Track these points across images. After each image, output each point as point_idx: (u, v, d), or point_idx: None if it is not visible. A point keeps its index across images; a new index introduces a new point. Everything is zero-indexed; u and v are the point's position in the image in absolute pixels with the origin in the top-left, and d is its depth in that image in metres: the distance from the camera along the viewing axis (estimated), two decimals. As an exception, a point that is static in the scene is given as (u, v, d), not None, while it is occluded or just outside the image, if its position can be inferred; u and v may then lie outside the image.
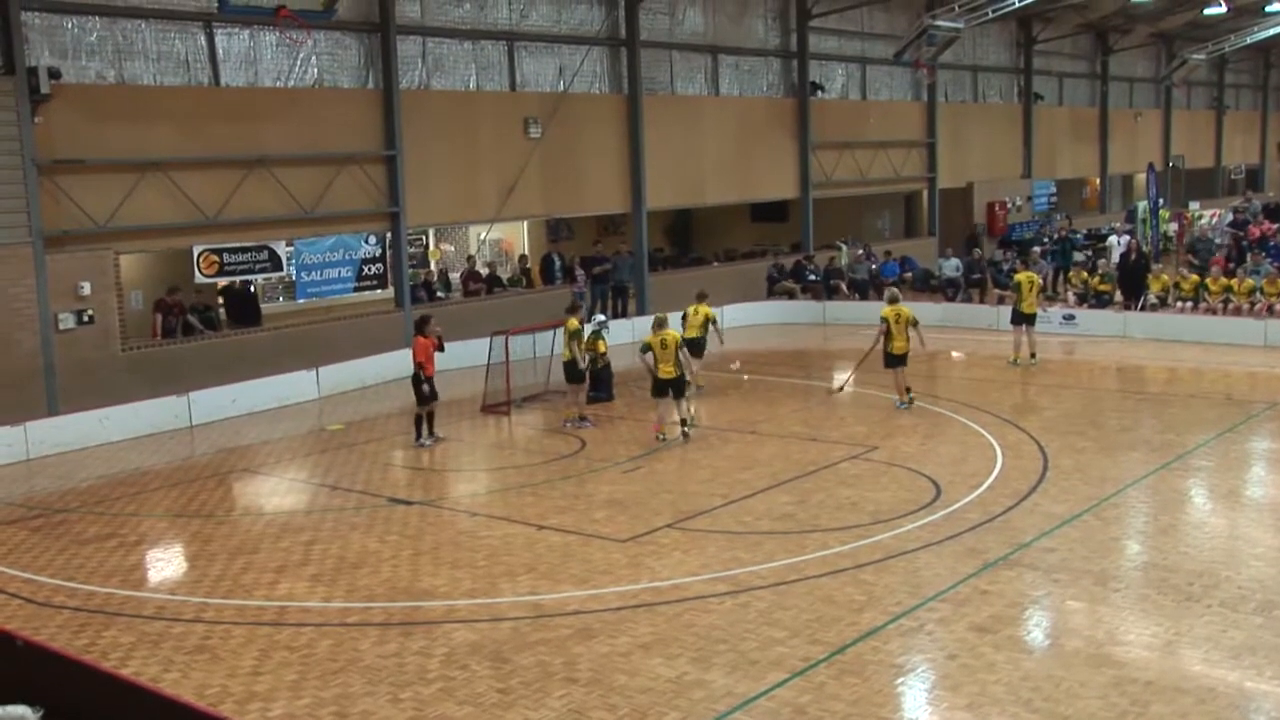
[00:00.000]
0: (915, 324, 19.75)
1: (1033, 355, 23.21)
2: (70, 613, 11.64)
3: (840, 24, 35.34)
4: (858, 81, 36.74)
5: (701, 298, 22.21)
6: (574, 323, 19.57)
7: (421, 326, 18.66)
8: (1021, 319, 23.21)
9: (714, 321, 21.78)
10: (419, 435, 18.44)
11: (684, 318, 21.56)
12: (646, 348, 18.10)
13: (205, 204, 21.99)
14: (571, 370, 19.52)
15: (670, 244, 37.84)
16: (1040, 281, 24.26)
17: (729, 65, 32.33)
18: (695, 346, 21.06)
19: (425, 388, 18.26)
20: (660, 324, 18.43)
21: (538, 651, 10.12)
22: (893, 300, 20.27)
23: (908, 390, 19.75)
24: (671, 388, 18.09)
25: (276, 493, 16.43)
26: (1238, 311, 26.67)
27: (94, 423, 19.49)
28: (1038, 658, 9.80)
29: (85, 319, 20.49)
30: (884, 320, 19.74)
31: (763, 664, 9.66)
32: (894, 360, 19.78)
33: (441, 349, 18.63)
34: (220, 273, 22.78)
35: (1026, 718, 8.61)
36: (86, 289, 20.45)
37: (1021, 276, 23.66)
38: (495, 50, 26.90)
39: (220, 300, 25.52)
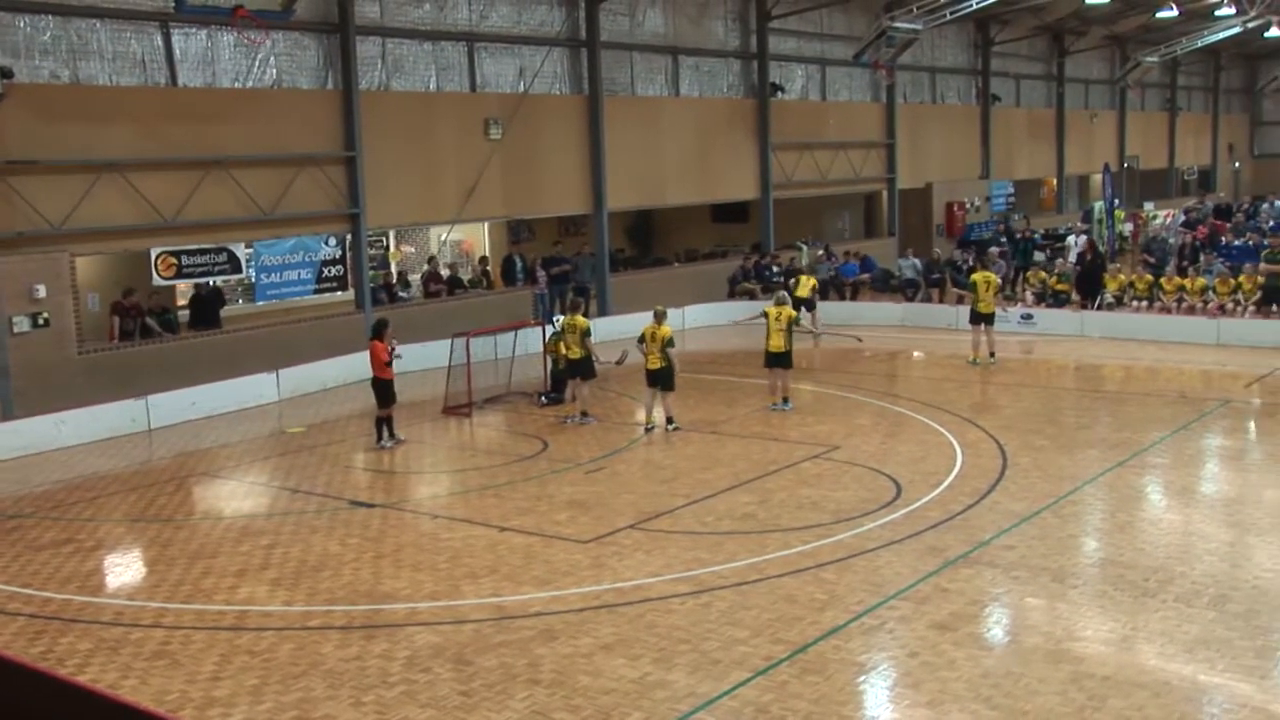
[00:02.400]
0: (796, 322, 20.13)
1: (991, 354, 23.40)
2: (25, 619, 11.51)
3: (800, 25, 35.51)
4: (817, 83, 36.92)
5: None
6: (583, 320, 19.69)
7: (380, 331, 18.52)
8: (979, 319, 23.40)
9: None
10: (380, 437, 18.37)
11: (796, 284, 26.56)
12: (641, 338, 18.80)
13: (163, 205, 21.82)
14: (586, 366, 19.57)
15: (631, 245, 37.89)
16: (998, 281, 24.45)
17: (689, 66, 32.41)
18: (809, 305, 25.75)
19: (388, 391, 18.17)
20: (658, 317, 18.93)
21: (500, 653, 10.10)
22: (780, 300, 20.40)
23: (785, 399, 19.92)
24: (656, 379, 18.52)
25: (236, 496, 16.31)
26: (1191, 310, 26.99)
27: (50, 426, 19.26)
28: (997, 654, 9.89)
29: (40, 322, 20.28)
30: (764, 316, 20.12)
31: (725, 663, 9.69)
32: (770, 359, 20.00)
33: (389, 359, 18.21)
34: (178, 275, 22.61)
35: (987, 714, 8.69)
36: (42, 291, 20.23)
37: (978, 276, 23.85)
38: (455, 51, 26.84)
39: (184, 304, 25.27)
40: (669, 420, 18.60)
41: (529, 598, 11.51)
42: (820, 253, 34.86)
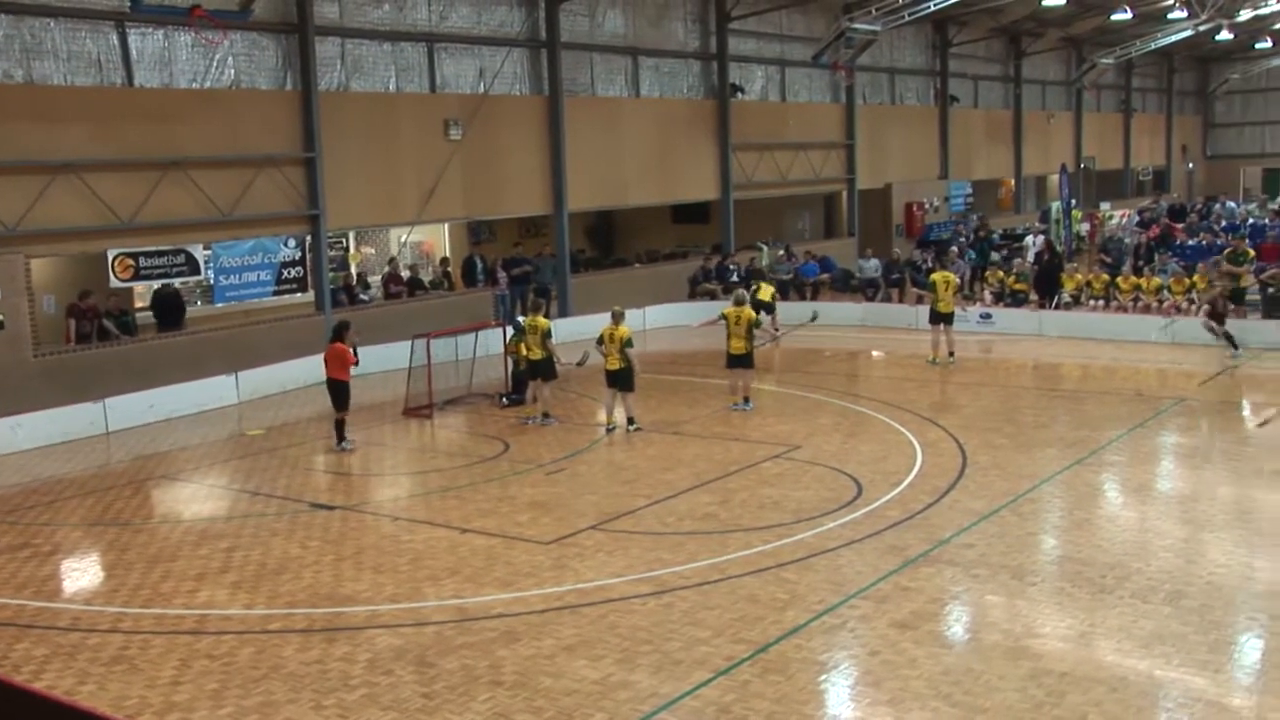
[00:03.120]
0: (757, 324, 20.23)
1: (950, 354, 23.56)
2: (-18, 625, 11.40)
3: (759, 26, 35.61)
4: (777, 83, 37.04)
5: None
6: (544, 321, 19.65)
7: (341, 333, 18.30)
8: (939, 318, 23.55)
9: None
10: (340, 439, 18.23)
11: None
12: (600, 339, 18.75)
13: (120, 207, 21.62)
14: (547, 367, 19.52)
15: (592, 245, 37.87)
16: (957, 281, 24.63)
17: (649, 67, 32.43)
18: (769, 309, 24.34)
19: (346, 393, 18.02)
20: (616, 318, 18.88)
21: (462, 655, 10.09)
22: (738, 301, 20.44)
23: (745, 399, 19.99)
24: (616, 380, 18.57)
25: (196, 499, 16.21)
26: (1147, 310, 27.28)
27: (5, 430, 19.01)
28: (957, 652, 9.97)
29: (-5, 325, 20.07)
30: (724, 318, 20.16)
31: (687, 664, 9.72)
32: (731, 360, 20.05)
33: (356, 361, 18.20)
34: (136, 277, 22.41)
35: (947, 712, 8.76)
36: (-4, 294, 20.04)
37: (937, 276, 24.02)
38: (415, 52, 26.75)
39: (147, 304, 25.04)
40: (630, 421, 18.61)
41: (491, 599, 11.49)
42: (781, 253, 34.98)
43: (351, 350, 18.09)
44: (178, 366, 22.04)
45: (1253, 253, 28.56)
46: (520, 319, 21.91)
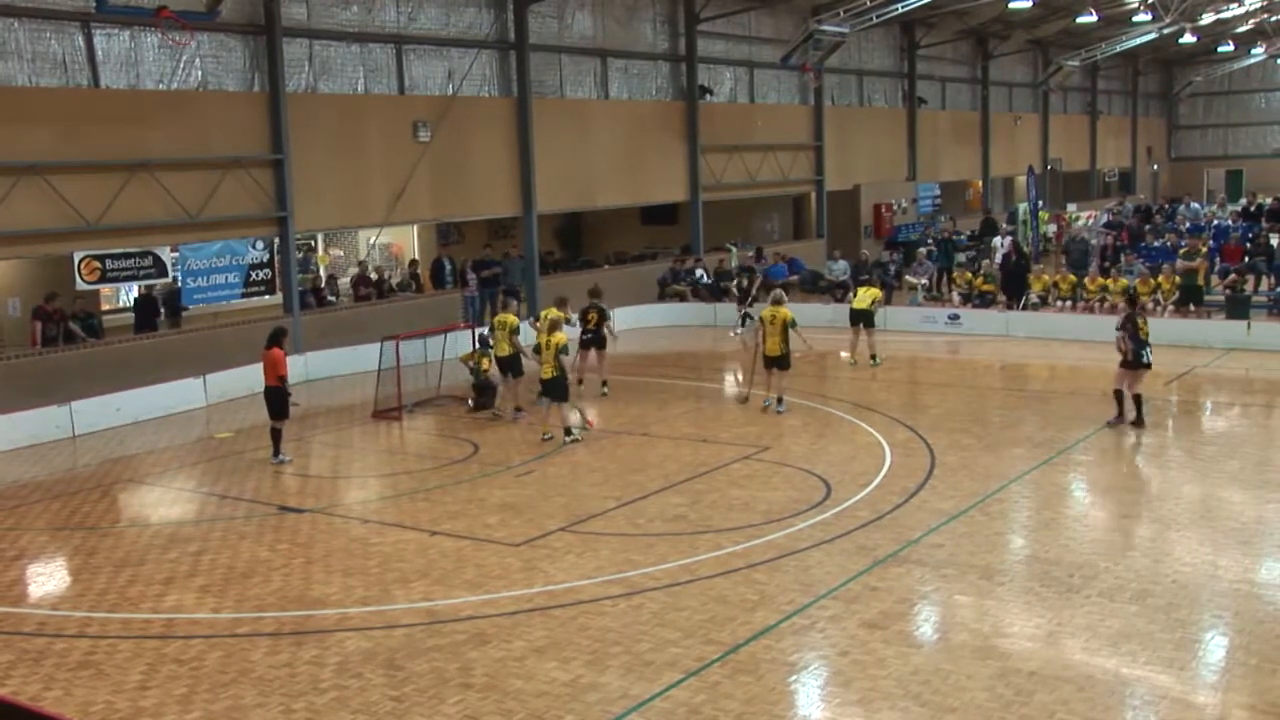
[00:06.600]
0: (793, 325, 19.75)
1: (851, 358, 24.29)
2: (-54, 631, 11.29)
3: (728, 28, 35.69)
4: (745, 85, 37.12)
5: (562, 303, 20.95)
6: (513, 319, 19.62)
7: (278, 339, 17.71)
8: (857, 318, 24.30)
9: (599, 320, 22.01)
10: (277, 451, 17.69)
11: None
12: (536, 349, 18.34)
13: (86, 209, 21.44)
14: (515, 364, 19.46)
15: (561, 247, 37.83)
16: (879, 293, 25.16)
17: (618, 69, 32.45)
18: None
19: (285, 401, 17.54)
20: (552, 326, 18.71)
21: (432, 658, 10.08)
22: (776, 301, 20.30)
23: (779, 399, 19.72)
24: (549, 390, 18.19)
25: (163, 503, 16.11)
26: (1113, 310, 27.43)
27: (-31, 434, 18.89)
28: (926, 652, 10.02)
29: (-41, 328, 19.88)
30: (760, 321, 20.24)
31: (657, 665, 9.74)
32: (768, 361, 19.91)
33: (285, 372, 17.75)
34: (102, 279, 22.25)
35: (916, 711, 8.80)
36: (-40, 297, 19.85)
37: (863, 289, 24.79)
38: (383, 53, 26.66)
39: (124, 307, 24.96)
40: (567, 432, 18.04)
41: (460, 601, 11.48)
42: (750, 254, 35.05)
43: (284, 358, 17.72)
44: (145, 369, 21.87)
45: (1205, 249, 28.90)
46: (485, 331, 21.72)
